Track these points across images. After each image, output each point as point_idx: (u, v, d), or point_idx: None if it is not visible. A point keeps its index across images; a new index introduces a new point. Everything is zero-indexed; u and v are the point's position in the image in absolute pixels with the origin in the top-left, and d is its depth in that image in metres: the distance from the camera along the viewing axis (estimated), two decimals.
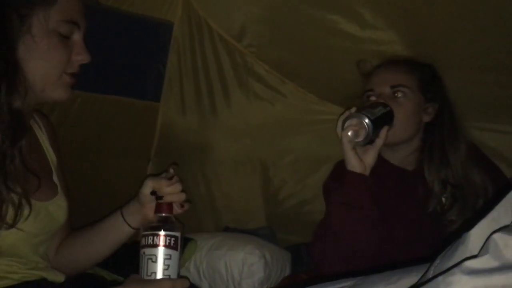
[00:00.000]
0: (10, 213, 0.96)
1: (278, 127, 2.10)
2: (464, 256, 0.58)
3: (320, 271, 1.32)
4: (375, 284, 0.75)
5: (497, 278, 0.54)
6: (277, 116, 2.07)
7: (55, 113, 1.68)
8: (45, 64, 1.01)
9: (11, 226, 0.96)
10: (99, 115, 1.94)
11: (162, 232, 1.00)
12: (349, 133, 1.26)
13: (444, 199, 1.40)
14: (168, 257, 0.99)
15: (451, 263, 0.59)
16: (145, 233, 1.01)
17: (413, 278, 0.70)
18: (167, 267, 0.99)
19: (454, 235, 0.64)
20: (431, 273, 0.63)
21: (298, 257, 2.00)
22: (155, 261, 0.99)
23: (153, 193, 1.08)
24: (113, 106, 1.96)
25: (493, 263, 0.55)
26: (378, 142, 1.31)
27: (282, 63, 1.97)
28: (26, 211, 0.98)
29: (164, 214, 1.05)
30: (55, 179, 1.15)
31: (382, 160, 1.35)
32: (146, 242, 1.00)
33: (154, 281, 0.98)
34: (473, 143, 1.51)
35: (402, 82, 1.43)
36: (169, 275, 0.99)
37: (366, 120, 1.24)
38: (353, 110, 1.30)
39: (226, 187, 2.23)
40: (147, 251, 0.99)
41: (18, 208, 0.96)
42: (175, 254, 1.00)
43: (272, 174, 2.17)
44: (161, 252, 0.99)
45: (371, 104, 1.36)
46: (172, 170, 1.10)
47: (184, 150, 2.20)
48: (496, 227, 0.58)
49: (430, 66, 1.49)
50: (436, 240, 1.36)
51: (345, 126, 1.27)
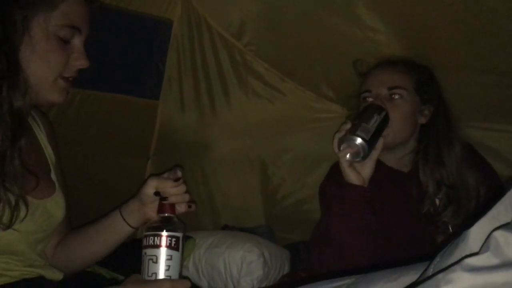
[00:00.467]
0: (6, 214, 0.95)
1: (277, 125, 2.10)
2: (464, 254, 0.58)
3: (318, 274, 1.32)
4: (374, 282, 0.75)
5: (498, 276, 0.54)
6: (276, 114, 2.08)
7: (54, 111, 1.68)
8: (43, 66, 1.01)
9: (8, 227, 0.96)
10: (98, 113, 1.94)
11: (165, 233, 0.99)
12: (347, 156, 1.26)
13: (438, 201, 1.40)
14: (169, 258, 0.98)
15: (451, 261, 0.59)
16: (147, 234, 1.00)
17: (412, 276, 0.70)
18: (168, 268, 0.98)
19: (454, 235, 0.64)
20: (431, 271, 0.63)
21: (297, 255, 2.00)
22: (156, 262, 0.98)
23: (157, 194, 1.07)
24: (112, 104, 1.96)
25: (494, 261, 0.55)
26: (375, 154, 1.30)
27: (281, 62, 1.97)
28: (23, 213, 0.98)
29: (167, 215, 1.04)
30: (53, 177, 1.15)
31: (378, 162, 1.34)
32: (148, 243, 1.00)
33: (154, 282, 0.97)
34: (468, 143, 1.51)
35: (399, 84, 1.42)
36: (170, 276, 0.98)
37: (362, 142, 1.24)
38: (348, 127, 1.28)
39: (225, 185, 2.23)
40: (149, 252, 0.99)
41: (15, 209, 0.96)
42: (177, 255, 1.00)
43: (271, 173, 2.17)
44: (163, 253, 0.98)
45: (366, 109, 1.34)
46: (180, 172, 1.09)
47: (183, 148, 2.21)
48: (497, 225, 0.58)
49: (427, 68, 1.49)
50: (430, 241, 1.37)
51: (341, 149, 1.27)
